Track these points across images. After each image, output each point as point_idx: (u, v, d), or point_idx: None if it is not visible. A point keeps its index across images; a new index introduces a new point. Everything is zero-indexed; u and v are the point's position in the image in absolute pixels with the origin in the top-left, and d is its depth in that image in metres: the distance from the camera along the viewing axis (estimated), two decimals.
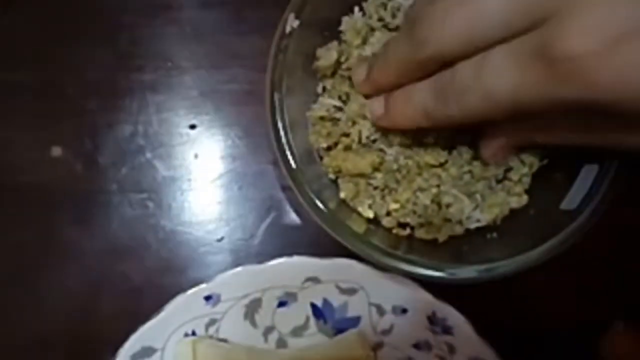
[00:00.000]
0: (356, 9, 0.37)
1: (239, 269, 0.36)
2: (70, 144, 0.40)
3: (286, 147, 0.33)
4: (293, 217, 0.41)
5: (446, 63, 0.27)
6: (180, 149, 0.41)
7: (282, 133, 0.33)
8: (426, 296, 0.36)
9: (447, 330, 0.36)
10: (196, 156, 0.41)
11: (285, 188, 0.41)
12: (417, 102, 0.30)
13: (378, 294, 0.37)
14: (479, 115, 0.27)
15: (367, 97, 0.35)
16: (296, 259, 0.36)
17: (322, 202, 0.33)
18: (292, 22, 0.34)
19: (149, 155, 0.40)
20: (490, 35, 0.24)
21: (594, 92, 0.21)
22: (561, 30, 0.21)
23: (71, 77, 0.41)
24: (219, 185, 0.41)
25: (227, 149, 0.41)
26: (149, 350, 0.36)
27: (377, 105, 0.33)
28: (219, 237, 0.40)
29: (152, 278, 0.39)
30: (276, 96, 0.33)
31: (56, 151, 0.40)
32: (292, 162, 0.34)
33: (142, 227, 0.40)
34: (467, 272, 0.32)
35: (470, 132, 0.34)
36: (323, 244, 0.39)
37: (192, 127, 0.41)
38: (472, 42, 0.25)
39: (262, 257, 0.37)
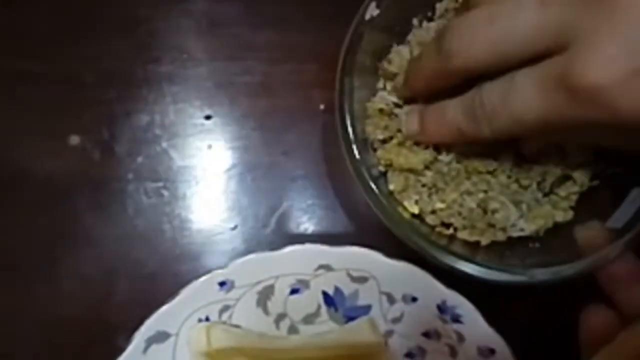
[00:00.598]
0: (424, 22, 0.38)
1: (252, 256, 0.37)
2: (88, 132, 0.41)
3: (351, 133, 0.34)
4: (305, 208, 0.41)
5: (473, 77, 0.28)
6: (195, 139, 0.42)
7: (348, 120, 0.34)
8: (437, 285, 0.36)
9: (456, 319, 0.37)
10: (210, 147, 0.42)
11: (296, 178, 0.41)
12: (450, 120, 0.31)
13: (389, 283, 0.38)
14: (510, 134, 0.28)
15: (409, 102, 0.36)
16: (308, 246, 0.37)
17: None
18: (372, 11, 0.34)
19: (164, 144, 0.41)
20: (515, 54, 0.26)
21: (617, 117, 0.23)
22: (583, 61, 0.23)
23: (89, 67, 0.42)
24: (232, 175, 0.42)
25: (241, 140, 0.42)
26: (163, 335, 0.36)
27: (412, 122, 0.34)
28: (232, 225, 0.41)
29: (167, 265, 0.40)
30: (346, 83, 0.34)
31: (74, 140, 0.41)
32: (355, 149, 0.34)
33: (157, 215, 0.41)
34: (509, 276, 0.33)
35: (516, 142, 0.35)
36: (335, 234, 0.40)
37: (207, 117, 0.42)
38: (497, 59, 0.26)
39: (275, 245, 0.37)
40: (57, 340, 0.39)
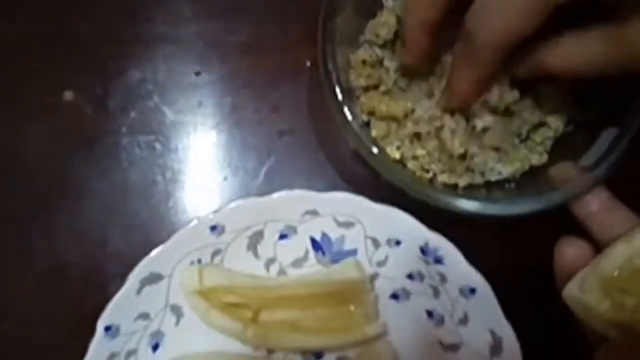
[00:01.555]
0: None
1: (241, 201, 0.38)
2: (82, 89, 0.42)
3: (335, 83, 0.35)
4: (293, 161, 0.43)
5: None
6: (186, 95, 0.43)
7: (330, 65, 0.35)
8: (419, 227, 0.38)
9: (438, 260, 0.38)
10: (200, 104, 0.43)
11: (283, 133, 0.43)
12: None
13: (373, 227, 0.39)
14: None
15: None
16: (296, 192, 0.38)
17: None
18: None
19: (156, 99, 0.43)
20: None
21: None
22: None
23: (83, 26, 0.43)
24: (221, 129, 0.43)
25: (230, 97, 0.43)
26: (156, 277, 0.38)
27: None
28: (222, 177, 0.42)
29: (159, 215, 0.42)
30: (329, 31, 0.35)
31: (68, 95, 0.42)
32: (339, 95, 0.35)
33: (150, 167, 0.42)
34: (492, 208, 0.34)
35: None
36: (321, 187, 0.41)
37: (197, 74, 0.43)
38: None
39: (264, 195, 0.39)
40: (54, 288, 0.41)
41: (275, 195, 0.38)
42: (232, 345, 0.39)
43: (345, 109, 0.35)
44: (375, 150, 0.35)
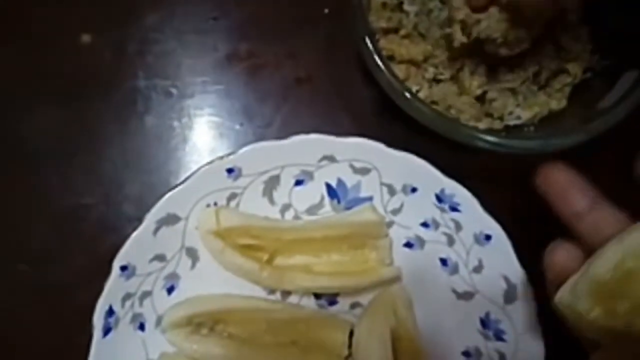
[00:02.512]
0: None
1: (259, 143, 0.38)
2: (99, 32, 0.42)
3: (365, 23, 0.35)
4: (309, 107, 0.43)
5: None
6: (203, 40, 0.43)
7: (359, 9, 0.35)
8: (436, 174, 0.38)
9: (454, 207, 0.38)
10: (216, 49, 0.43)
11: (300, 80, 0.43)
12: None
13: (389, 174, 0.39)
14: None
15: None
16: (313, 136, 0.38)
17: None
18: None
19: (174, 44, 0.42)
20: None
21: None
22: None
23: None
24: (238, 75, 0.43)
25: (247, 43, 0.43)
26: (173, 218, 0.38)
27: None
28: (238, 123, 0.42)
29: (176, 159, 0.42)
30: None
31: (85, 38, 0.42)
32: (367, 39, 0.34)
33: (167, 111, 0.42)
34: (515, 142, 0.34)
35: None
36: (338, 134, 0.41)
37: (215, 19, 0.43)
38: None
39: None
40: (70, 230, 0.41)
41: (293, 138, 0.38)
42: (247, 290, 0.39)
43: (374, 49, 0.34)
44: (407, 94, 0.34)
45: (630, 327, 0.21)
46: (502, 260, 0.37)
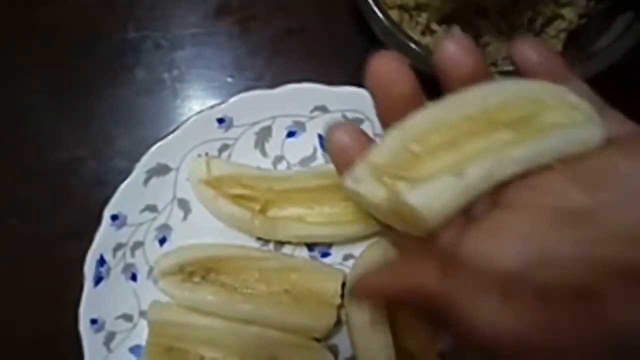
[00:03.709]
0: None
1: (250, 92, 0.38)
2: None
3: None
4: (301, 59, 0.42)
5: None
6: None
7: None
8: None
9: None
10: (207, 0, 0.42)
11: (292, 31, 0.42)
12: None
13: None
14: None
15: None
16: (305, 85, 0.38)
17: None
18: None
19: None
20: None
21: None
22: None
23: None
24: (229, 27, 0.42)
25: None
26: (164, 168, 0.38)
27: None
28: (229, 75, 0.42)
29: (166, 112, 0.41)
30: None
31: None
32: None
33: (157, 64, 0.41)
34: None
35: None
36: (332, 84, 0.40)
37: None
38: None
39: None
40: (61, 183, 0.41)
41: (284, 87, 0.38)
42: (240, 242, 0.39)
43: None
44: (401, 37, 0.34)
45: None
46: None
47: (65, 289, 0.37)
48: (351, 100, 0.38)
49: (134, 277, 0.38)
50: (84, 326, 0.36)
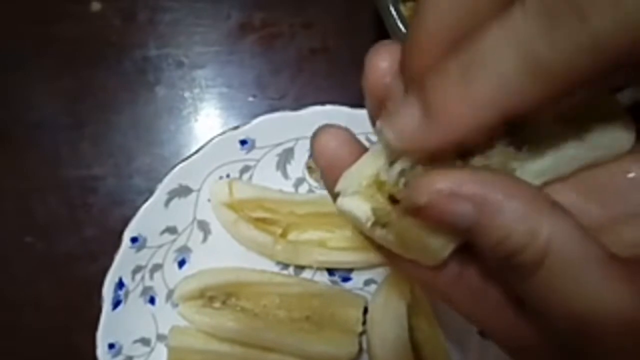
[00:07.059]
0: None
1: (273, 114, 0.37)
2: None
3: None
4: (324, 80, 0.41)
5: None
6: (215, 8, 0.42)
7: None
8: None
9: None
10: (229, 17, 0.42)
11: (315, 51, 0.42)
12: (506, 60, 0.14)
13: None
14: None
15: None
16: (329, 107, 0.37)
17: None
18: None
19: (185, 12, 0.41)
20: None
21: None
22: None
23: None
24: (252, 46, 0.42)
25: (262, 11, 0.42)
26: (185, 189, 0.37)
27: (405, 117, 0.16)
28: (251, 94, 0.41)
29: (187, 130, 0.41)
30: None
31: (95, 6, 0.41)
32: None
33: (178, 82, 0.41)
34: None
35: None
36: (356, 104, 0.39)
37: None
38: None
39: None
40: (78, 201, 0.40)
41: (308, 109, 0.37)
42: (260, 265, 0.38)
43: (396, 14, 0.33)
44: None
45: None
46: None
47: (81, 309, 0.37)
48: None
49: (152, 300, 0.37)
50: (101, 350, 0.35)
